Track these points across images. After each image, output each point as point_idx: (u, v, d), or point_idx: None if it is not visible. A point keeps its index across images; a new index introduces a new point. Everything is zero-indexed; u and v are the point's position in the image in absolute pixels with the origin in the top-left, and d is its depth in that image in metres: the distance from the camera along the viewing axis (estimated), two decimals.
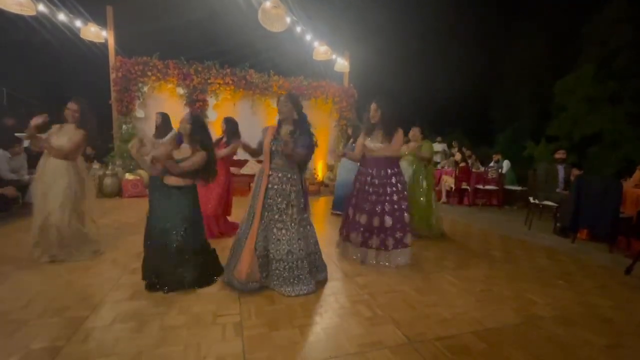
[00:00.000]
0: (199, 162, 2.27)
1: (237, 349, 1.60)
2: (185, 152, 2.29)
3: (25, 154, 4.75)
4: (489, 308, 2.12)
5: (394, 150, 2.86)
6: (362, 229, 2.84)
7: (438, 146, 8.66)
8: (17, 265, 2.62)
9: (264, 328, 1.79)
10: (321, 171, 8.57)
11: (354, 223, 2.90)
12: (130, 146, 2.37)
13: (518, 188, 6.83)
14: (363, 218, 2.83)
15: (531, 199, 4.76)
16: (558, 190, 4.63)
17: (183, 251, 2.23)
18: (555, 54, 12.65)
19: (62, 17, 6.08)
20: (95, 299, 2.07)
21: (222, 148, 3.54)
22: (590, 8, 10.72)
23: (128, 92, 6.76)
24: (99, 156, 6.83)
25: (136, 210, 4.91)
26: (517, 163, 9.29)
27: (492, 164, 7.33)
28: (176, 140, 2.41)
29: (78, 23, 6.32)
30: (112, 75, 6.71)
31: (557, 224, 4.35)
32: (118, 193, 6.35)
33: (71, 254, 2.77)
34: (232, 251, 2.36)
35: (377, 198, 2.81)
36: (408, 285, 2.45)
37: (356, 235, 2.87)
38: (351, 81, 8.83)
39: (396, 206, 2.82)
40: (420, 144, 3.93)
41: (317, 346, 1.66)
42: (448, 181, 6.94)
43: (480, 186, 6.56)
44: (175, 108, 6.62)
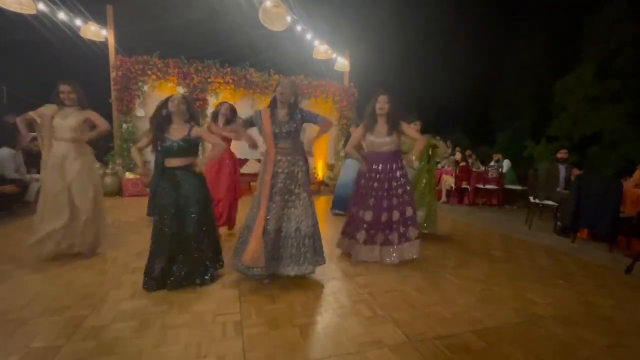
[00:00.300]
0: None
1: (237, 348, 1.60)
2: (183, 131, 2.30)
3: (22, 152, 4.74)
4: (489, 307, 2.12)
5: (419, 139, 2.91)
6: (367, 226, 2.80)
7: None
8: (18, 264, 2.63)
9: (264, 327, 1.79)
10: (321, 170, 8.57)
11: (360, 221, 2.85)
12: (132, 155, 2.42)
13: (518, 187, 6.83)
14: (368, 215, 2.80)
15: (531, 199, 4.75)
16: (559, 189, 4.63)
17: (200, 231, 2.29)
18: (555, 54, 12.64)
19: (62, 16, 6.08)
20: (95, 298, 2.07)
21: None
22: (590, 8, 10.70)
23: (128, 91, 6.75)
24: (99, 155, 6.83)
25: (136, 209, 4.91)
26: (518, 163, 9.29)
27: (493, 164, 7.33)
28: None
29: (78, 22, 6.31)
30: (112, 74, 6.70)
31: (558, 224, 4.35)
32: (118, 192, 6.36)
33: (86, 245, 2.76)
34: (241, 237, 2.39)
35: (382, 194, 2.80)
36: (408, 284, 2.45)
37: (362, 233, 2.81)
38: (351, 80, 8.82)
39: (402, 199, 2.83)
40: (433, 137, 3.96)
41: (317, 345, 1.66)
42: (448, 180, 6.93)
43: (480, 186, 6.56)
44: None
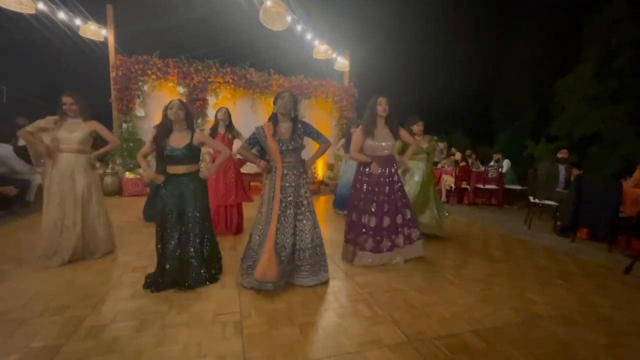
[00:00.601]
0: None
1: (237, 348, 1.60)
2: (185, 138, 2.32)
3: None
4: (489, 307, 2.12)
5: (413, 143, 3.03)
6: (373, 233, 2.74)
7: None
8: (18, 264, 2.63)
9: (264, 327, 1.80)
10: (321, 170, 8.57)
11: (363, 227, 2.78)
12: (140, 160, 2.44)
13: (518, 187, 6.83)
14: (372, 221, 2.74)
15: (531, 199, 4.75)
16: (558, 189, 4.63)
17: (201, 236, 2.33)
18: (555, 54, 12.63)
19: (62, 16, 6.08)
20: (95, 298, 2.07)
21: (220, 139, 3.59)
22: (590, 8, 10.69)
23: (128, 91, 6.75)
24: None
25: (136, 209, 4.90)
26: (518, 162, 9.29)
27: (492, 164, 7.33)
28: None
29: (78, 21, 6.32)
30: (112, 73, 6.70)
31: (557, 224, 4.35)
32: (118, 192, 6.36)
33: (89, 252, 2.77)
34: (249, 252, 2.38)
35: (384, 198, 2.77)
36: (408, 284, 2.45)
37: (369, 241, 2.75)
38: (351, 80, 8.82)
39: (402, 202, 2.82)
40: (434, 138, 3.99)
41: (317, 345, 1.66)
42: (448, 180, 6.93)
43: (480, 185, 6.56)
44: None
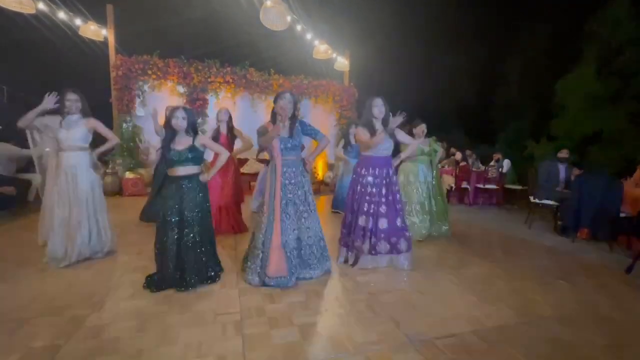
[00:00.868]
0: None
1: (238, 348, 1.60)
2: (187, 141, 2.32)
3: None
4: (489, 307, 2.12)
5: (411, 143, 3.05)
6: (369, 234, 2.71)
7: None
8: (18, 263, 2.63)
9: (264, 327, 1.80)
10: (321, 170, 8.57)
11: (359, 229, 2.75)
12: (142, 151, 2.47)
13: (518, 187, 6.82)
14: (367, 222, 2.72)
15: (532, 198, 4.75)
16: (559, 189, 4.62)
17: (201, 237, 2.33)
18: (556, 53, 12.61)
19: (62, 16, 6.08)
20: (95, 298, 2.08)
21: (224, 140, 3.60)
22: (591, 7, 10.67)
23: (128, 91, 6.75)
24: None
25: (137, 208, 4.90)
26: (518, 162, 9.27)
27: (493, 163, 7.32)
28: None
29: (78, 21, 6.32)
30: (113, 73, 6.70)
31: (558, 224, 4.35)
32: (118, 191, 6.37)
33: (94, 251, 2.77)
34: (254, 251, 2.39)
35: (381, 199, 2.74)
36: (408, 284, 2.45)
37: (366, 242, 2.71)
38: (351, 80, 8.82)
39: (401, 205, 2.81)
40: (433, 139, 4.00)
41: (317, 345, 1.66)
42: (448, 180, 6.93)
43: (480, 185, 6.55)
44: None
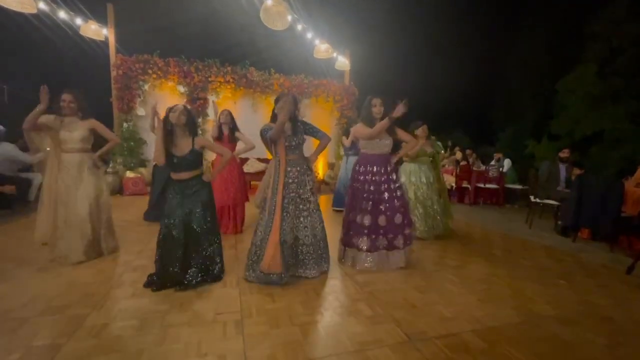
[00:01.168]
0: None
1: (238, 347, 1.60)
2: (187, 145, 2.32)
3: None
4: (490, 307, 2.12)
5: (411, 140, 2.97)
6: (368, 232, 2.69)
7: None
8: (19, 263, 2.64)
9: (265, 326, 1.80)
10: (322, 169, 8.57)
11: (358, 226, 2.74)
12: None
13: (519, 187, 6.81)
14: (367, 219, 2.69)
15: (532, 198, 4.75)
16: (559, 189, 4.62)
17: (207, 235, 2.34)
18: (556, 53, 12.59)
19: (63, 15, 6.08)
20: (96, 297, 2.08)
21: (226, 141, 3.62)
22: (592, 7, 10.65)
23: (129, 90, 6.76)
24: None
25: (137, 207, 4.92)
26: (519, 162, 9.27)
27: (493, 163, 7.31)
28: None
29: (78, 21, 6.31)
30: (113, 73, 6.71)
31: (558, 223, 4.34)
32: (119, 191, 6.38)
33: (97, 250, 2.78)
34: (254, 247, 2.41)
35: (380, 196, 2.72)
36: (408, 283, 2.45)
37: (364, 240, 2.69)
38: (352, 79, 8.82)
39: (401, 202, 2.78)
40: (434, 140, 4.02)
41: (318, 344, 1.67)
42: (449, 180, 6.93)
43: (481, 185, 6.55)
44: None
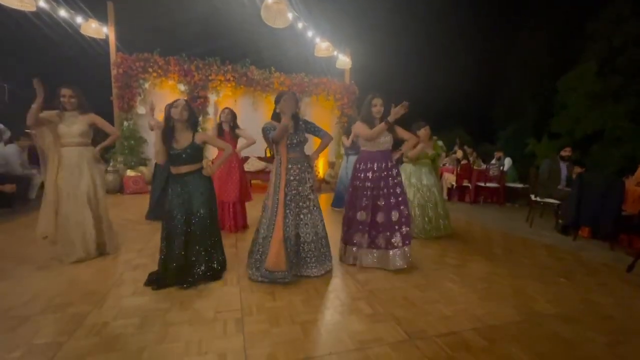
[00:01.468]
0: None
1: (238, 345, 1.60)
2: (188, 138, 2.32)
3: (27, 149, 4.76)
4: (490, 305, 2.12)
5: (410, 138, 2.95)
6: (368, 229, 2.69)
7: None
8: (20, 261, 2.64)
9: (265, 324, 1.80)
10: (322, 168, 8.56)
11: (358, 223, 2.73)
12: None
13: (520, 185, 6.81)
14: (366, 216, 2.69)
15: (533, 197, 4.74)
16: (560, 187, 4.61)
17: (209, 232, 2.35)
18: (557, 51, 12.56)
19: (63, 13, 6.07)
20: (97, 295, 2.08)
21: (227, 139, 3.61)
22: (592, 6, 10.62)
23: (129, 89, 6.75)
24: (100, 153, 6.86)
25: (138, 206, 4.92)
26: (519, 160, 9.26)
27: (494, 162, 7.30)
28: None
29: (79, 19, 6.30)
30: (113, 71, 6.70)
31: (559, 222, 4.34)
32: (119, 190, 6.39)
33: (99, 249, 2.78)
34: (257, 245, 2.41)
35: (379, 192, 2.72)
36: (409, 282, 2.45)
37: (365, 237, 2.69)
38: (352, 78, 8.80)
39: (400, 199, 2.76)
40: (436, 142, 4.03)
41: (318, 342, 1.67)
42: (449, 179, 6.93)
43: (481, 184, 6.54)
44: None
